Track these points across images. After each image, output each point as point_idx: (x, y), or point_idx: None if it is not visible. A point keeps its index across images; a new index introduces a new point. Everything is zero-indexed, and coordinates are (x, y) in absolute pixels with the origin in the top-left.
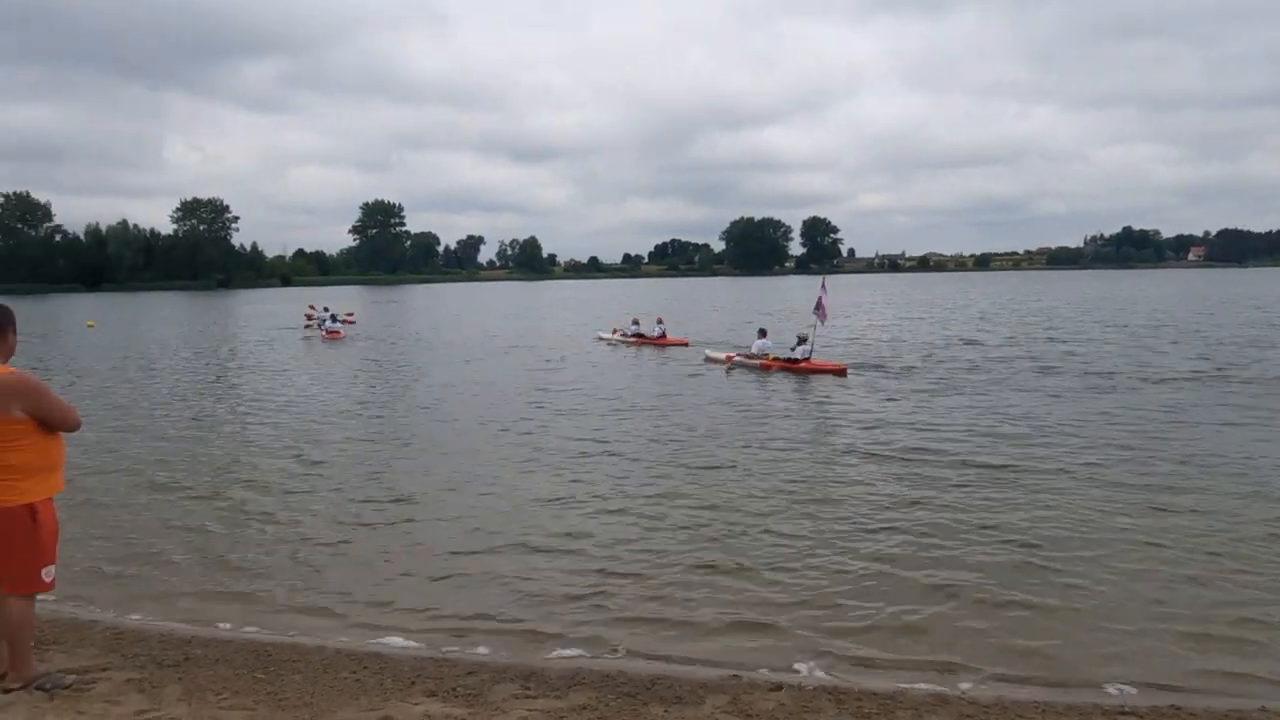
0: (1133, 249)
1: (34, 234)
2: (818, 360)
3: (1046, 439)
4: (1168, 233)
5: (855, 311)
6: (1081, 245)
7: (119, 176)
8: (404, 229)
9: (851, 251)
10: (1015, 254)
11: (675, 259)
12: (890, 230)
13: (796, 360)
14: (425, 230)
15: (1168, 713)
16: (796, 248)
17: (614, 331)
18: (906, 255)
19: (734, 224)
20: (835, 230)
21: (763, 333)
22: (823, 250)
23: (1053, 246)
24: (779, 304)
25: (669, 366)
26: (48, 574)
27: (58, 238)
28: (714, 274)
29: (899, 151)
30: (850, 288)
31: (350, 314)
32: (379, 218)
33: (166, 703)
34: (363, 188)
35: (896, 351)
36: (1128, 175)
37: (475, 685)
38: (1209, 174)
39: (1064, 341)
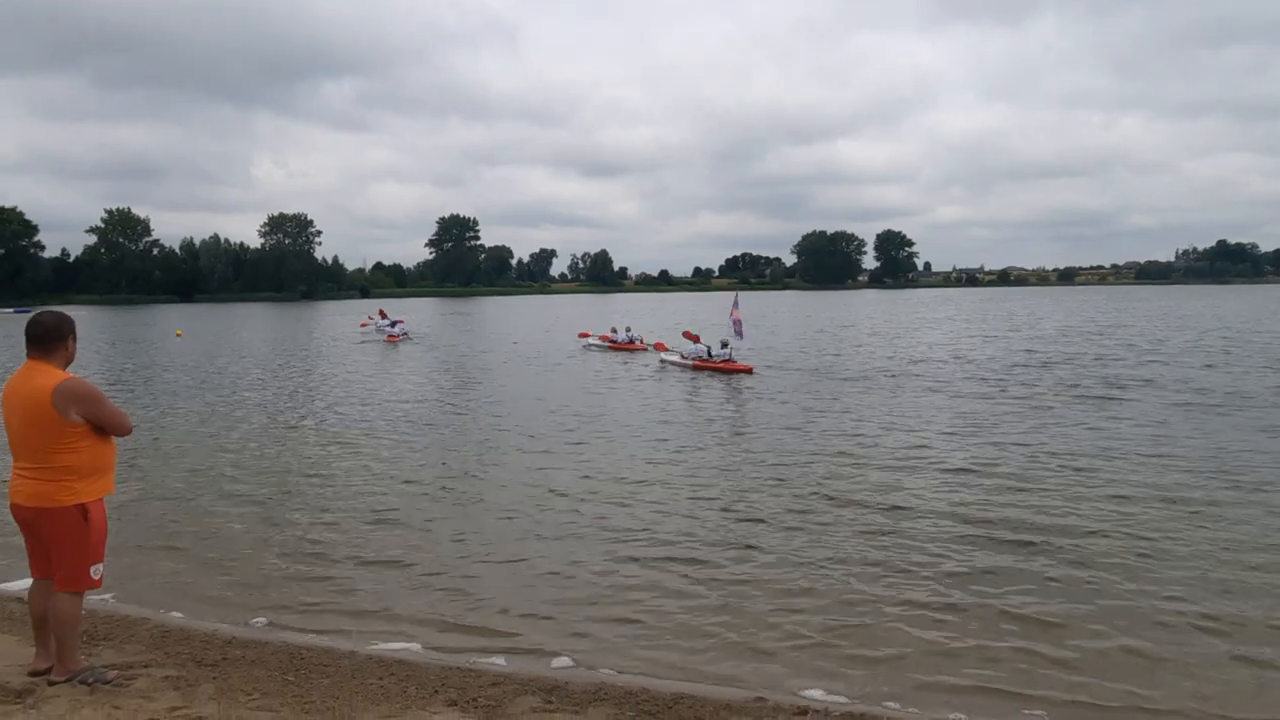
0: (1228, 263)
1: (134, 248)
2: (736, 363)
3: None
4: (1266, 246)
5: (915, 328)
6: (1172, 259)
7: (211, 193)
8: (479, 243)
9: (928, 265)
10: (1101, 268)
11: (746, 273)
12: (968, 244)
13: (716, 360)
14: (499, 244)
15: None
16: (870, 261)
17: (602, 337)
18: (985, 269)
19: (805, 237)
20: (910, 244)
21: (696, 339)
22: (897, 264)
23: (1141, 260)
24: (846, 319)
25: (646, 369)
26: (96, 572)
27: (155, 251)
28: (785, 288)
29: (977, 163)
30: (918, 304)
31: (400, 319)
32: (454, 232)
33: (198, 701)
34: (439, 203)
35: (958, 370)
36: (1222, 186)
37: (496, 696)
38: None
39: (1140, 359)
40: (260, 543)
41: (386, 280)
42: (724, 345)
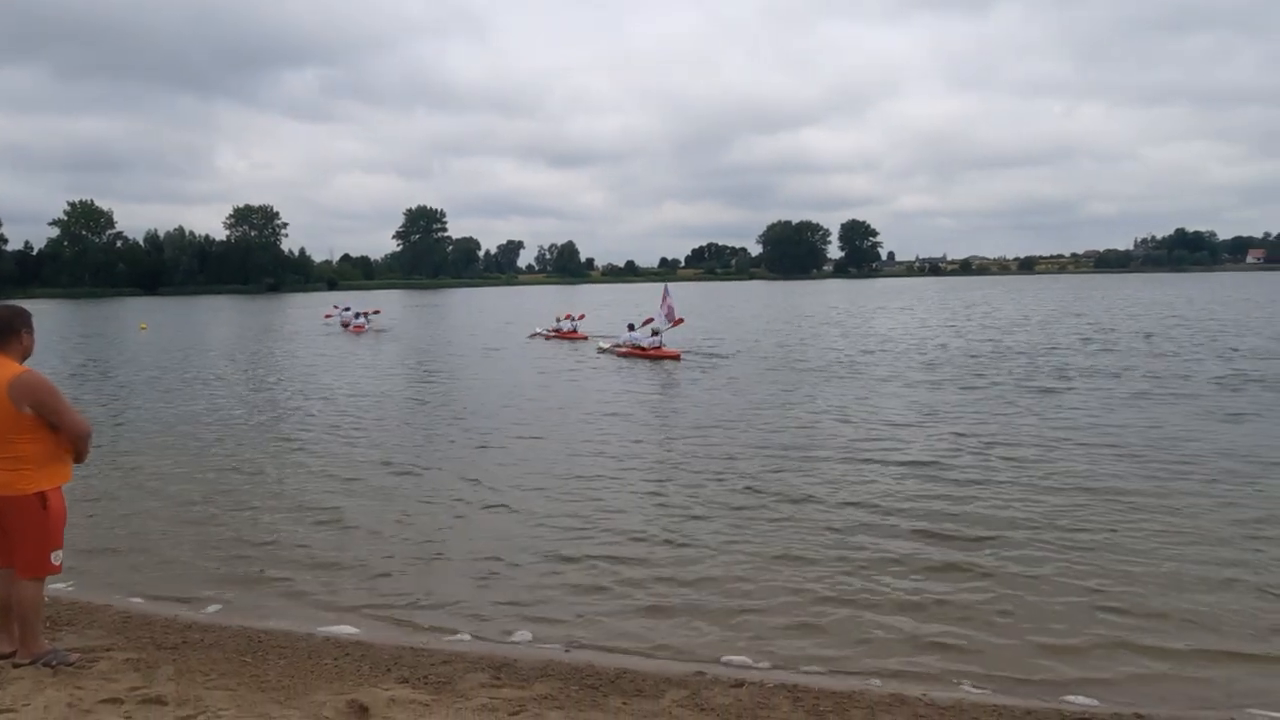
0: (1186, 252)
1: (98, 240)
2: (665, 349)
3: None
4: (1224, 234)
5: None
6: (1131, 248)
7: (175, 184)
8: (446, 234)
9: (891, 255)
10: (1061, 257)
11: (712, 263)
12: (932, 233)
13: (646, 348)
14: (467, 235)
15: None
16: (835, 251)
17: (548, 329)
18: (948, 258)
19: (771, 227)
20: (874, 233)
21: (631, 327)
22: (862, 253)
23: (1101, 249)
24: (809, 309)
25: (591, 358)
26: (56, 558)
27: (119, 244)
28: (752, 277)
29: (941, 152)
30: (879, 294)
31: (377, 310)
32: (422, 223)
33: (158, 681)
34: (406, 193)
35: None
36: (1181, 175)
37: (447, 674)
38: (1268, 172)
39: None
40: (220, 533)
41: (354, 272)
42: (655, 334)
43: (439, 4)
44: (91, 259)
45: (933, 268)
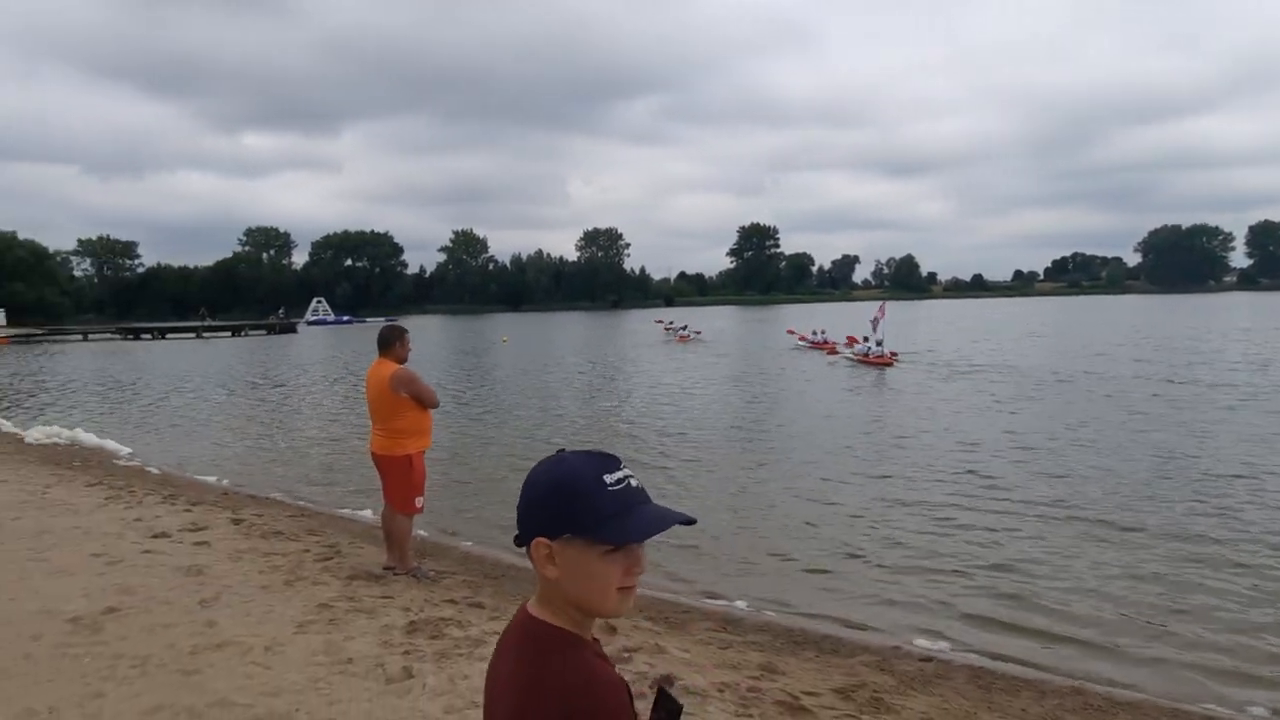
0: None
1: (474, 264)
2: (883, 357)
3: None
4: None
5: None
6: None
7: (533, 211)
8: (778, 250)
9: None
10: None
11: (1077, 275)
12: None
13: (872, 356)
14: (800, 251)
15: None
16: (1240, 259)
17: (800, 337)
18: None
19: (1154, 233)
20: None
21: (865, 339)
22: (1277, 262)
23: None
24: (1155, 327)
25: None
26: (418, 502)
27: (490, 266)
28: (1126, 291)
29: None
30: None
31: (699, 330)
32: (754, 240)
33: (481, 595)
34: (739, 211)
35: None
36: None
37: (683, 620)
38: None
39: None
40: None
41: (689, 289)
42: (878, 343)
43: (766, 21)
44: (469, 280)
45: None
